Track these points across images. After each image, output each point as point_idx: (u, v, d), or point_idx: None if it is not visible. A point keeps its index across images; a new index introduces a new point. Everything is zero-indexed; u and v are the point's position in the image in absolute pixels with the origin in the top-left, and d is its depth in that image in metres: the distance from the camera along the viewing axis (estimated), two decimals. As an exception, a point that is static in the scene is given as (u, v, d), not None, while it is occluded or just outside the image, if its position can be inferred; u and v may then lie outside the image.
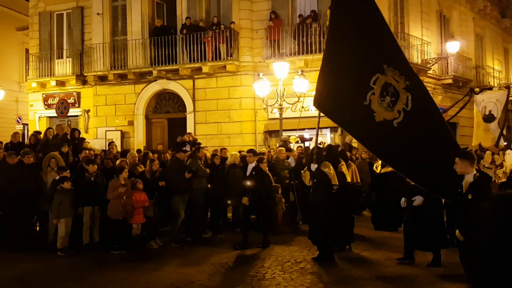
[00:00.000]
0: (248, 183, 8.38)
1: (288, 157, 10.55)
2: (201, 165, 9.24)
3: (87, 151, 9.96)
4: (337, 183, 7.35)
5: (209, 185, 9.35)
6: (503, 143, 14.80)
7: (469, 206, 4.81)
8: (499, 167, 10.89)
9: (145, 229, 8.49)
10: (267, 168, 9.65)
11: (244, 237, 8.37)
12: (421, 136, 5.55)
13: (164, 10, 17.12)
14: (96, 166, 8.58)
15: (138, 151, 12.54)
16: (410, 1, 17.08)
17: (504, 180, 9.58)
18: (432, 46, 17.83)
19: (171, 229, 9.09)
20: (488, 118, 14.42)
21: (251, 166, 8.56)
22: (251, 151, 8.95)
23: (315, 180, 7.39)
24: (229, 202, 9.64)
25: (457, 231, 5.08)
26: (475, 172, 5.07)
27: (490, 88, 16.31)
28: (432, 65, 17.30)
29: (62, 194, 8.09)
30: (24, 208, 8.54)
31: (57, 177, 8.38)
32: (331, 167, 7.40)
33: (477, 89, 15.56)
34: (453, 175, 5.12)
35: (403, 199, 6.95)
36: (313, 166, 7.47)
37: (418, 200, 6.67)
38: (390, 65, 5.67)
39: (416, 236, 6.87)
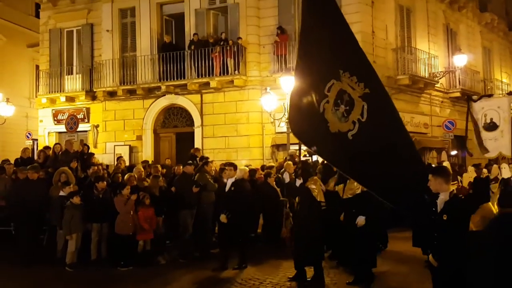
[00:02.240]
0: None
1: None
2: (209, 179, 9.24)
3: (96, 167, 10.02)
4: (324, 200, 7.00)
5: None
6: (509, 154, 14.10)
7: (445, 227, 4.36)
8: (493, 182, 10.51)
9: (153, 244, 8.48)
10: (274, 183, 9.63)
11: (224, 256, 7.93)
12: (378, 149, 4.98)
13: (173, 27, 17.32)
14: (105, 183, 8.61)
15: (144, 161, 12.61)
16: (416, 15, 17.15)
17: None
18: (440, 60, 17.83)
19: (179, 244, 9.05)
20: (490, 126, 13.78)
21: (230, 181, 7.90)
22: (231, 164, 8.26)
23: (299, 197, 7.06)
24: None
25: (430, 256, 4.53)
26: (451, 189, 4.58)
27: (490, 95, 15.80)
28: (440, 78, 17.29)
29: (72, 209, 8.12)
30: (31, 223, 8.57)
31: (61, 192, 8.42)
32: (318, 182, 7.08)
33: (475, 97, 15.10)
34: (415, 191, 4.69)
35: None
36: (298, 182, 7.13)
37: (360, 220, 6.56)
38: (346, 70, 5.12)
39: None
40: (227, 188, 7.92)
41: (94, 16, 17.99)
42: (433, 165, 9.38)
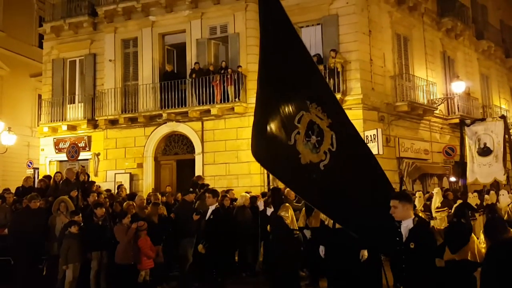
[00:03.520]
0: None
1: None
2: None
3: (95, 194, 10.01)
4: (296, 228, 6.82)
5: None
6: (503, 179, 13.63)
7: (413, 257, 4.07)
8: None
9: (153, 274, 8.37)
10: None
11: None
12: (349, 179, 4.83)
13: (174, 56, 17.61)
14: (104, 210, 8.57)
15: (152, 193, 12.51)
16: (414, 43, 17.43)
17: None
18: (438, 87, 18.01)
19: (179, 274, 8.93)
20: (484, 151, 13.40)
21: (211, 209, 7.58)
22: (211, 191, 7.93)
23: (272, 226, 6.89)
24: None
25: None
26: (413, 216, 4.31)
27: (483, 119, 15.46)
28: (439, 105, 17.42)
29: (70, 238, 8.06)
30: (30, 253, 8.49)
31: (67, 221, 8.39)
32: (290, 210, 6.91)
33: (468, 121, 14.80)
34: (386, 220, 4.36)
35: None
36: (269, 211, 7.03)
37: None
38: (313, 101, 5.07)
39: None
40: (207, 217, 7.63)
41: (97, 46, 18.30)
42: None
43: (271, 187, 10.65)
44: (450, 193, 13.31)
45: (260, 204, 9.21)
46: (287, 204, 7.08)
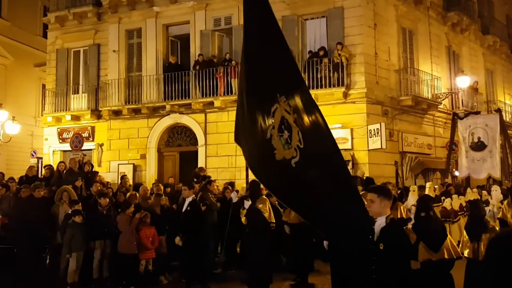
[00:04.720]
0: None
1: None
2: (212, 198, 9.23)
3: (98, 184, 10.05)
4: (274, 221, 6.84)
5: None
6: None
7: (382, 258, 3.73)
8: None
9: (155, 264, 8.44)
10: (276, 203, 9.57)
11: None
12: (318, 178, 4.46)
13: (178, 47, 17.58)
14: (108, 200, 8.63)
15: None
16: (419, 37, 17.33)
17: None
18: (442, 81, 17.93)
19: (181, 264, 8.98)
20: (478, 146, 12.94)
21: (187, 201, 7.57)
22: (186, 184, 7.90)
23: (249, 218, 6.89)
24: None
25: None
26: (389, 213, 3.96)
27: (477, 112, 14.96)
28: (443, 99, 17.35)
29: (74, 227, 8.12)
30: (33, 243, 8.55)
31: (70, 211, 8.44)
32: (267, 203, 6.93)
33: (461, 114, 14.42)
34: (356, 220, 4.03)
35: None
36: (247, 204, 7.00)
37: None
38: (282, 94, 4.71)
39: None
40: (183, 209, 7.62)
41: (101, 36, 18.28)
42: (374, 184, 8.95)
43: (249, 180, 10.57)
44: (452, 188, 13.30)
45: (234, 195, 8.88)
46: (264, 197, 7.09)
